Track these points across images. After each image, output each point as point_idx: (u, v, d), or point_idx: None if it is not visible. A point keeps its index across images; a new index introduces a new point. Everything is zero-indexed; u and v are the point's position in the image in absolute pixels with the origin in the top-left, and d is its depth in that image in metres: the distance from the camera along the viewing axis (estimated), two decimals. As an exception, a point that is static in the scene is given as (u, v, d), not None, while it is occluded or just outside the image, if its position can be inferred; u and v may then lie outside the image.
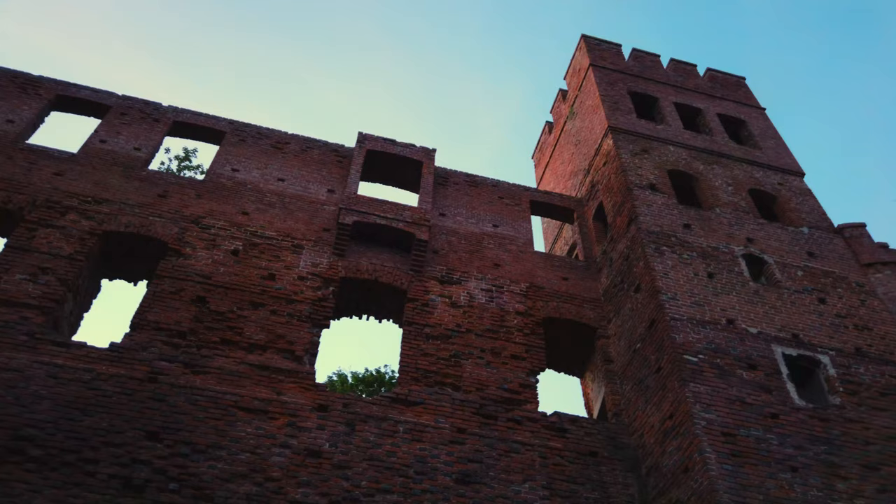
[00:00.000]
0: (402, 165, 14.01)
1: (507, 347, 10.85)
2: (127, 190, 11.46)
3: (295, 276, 10.94)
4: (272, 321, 10.12)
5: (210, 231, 11.22)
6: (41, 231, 10.22)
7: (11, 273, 9.49)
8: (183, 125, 13.51)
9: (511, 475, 9.02)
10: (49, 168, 11.31)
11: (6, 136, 11.64)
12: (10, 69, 13.05)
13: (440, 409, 9.61)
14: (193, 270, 10.45)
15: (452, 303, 11.36)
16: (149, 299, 9.84)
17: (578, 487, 9.15)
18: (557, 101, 19.64)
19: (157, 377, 8.84)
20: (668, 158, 14.27)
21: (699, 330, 10.10)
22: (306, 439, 8.69)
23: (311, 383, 9.46)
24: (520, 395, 10.19)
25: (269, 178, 12.76)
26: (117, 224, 10.82)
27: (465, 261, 12.31)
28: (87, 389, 8.45)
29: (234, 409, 8.76)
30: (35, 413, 8.02)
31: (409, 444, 9.02)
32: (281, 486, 8.11)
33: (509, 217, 13.74)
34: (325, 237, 11.85)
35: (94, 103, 13.14)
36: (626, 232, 12.38)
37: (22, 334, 8.80)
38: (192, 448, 8.20)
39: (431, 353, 10.41)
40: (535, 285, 12.24)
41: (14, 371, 8.36)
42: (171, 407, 8.57)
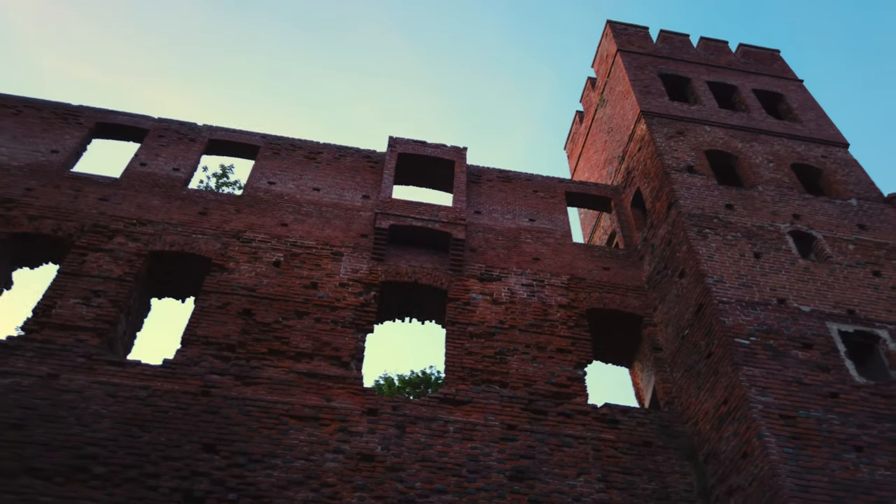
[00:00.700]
0: (434, 166, 14.03)
1: (553, 341, 10.76)
2: (169, 210, 11.75)
3: (336, 284, 11.05)
4: (317, 329, 10.25)
5: (251, 244, 11.41)
6: (91, 255, 10.55)
7: (66, 298, 9.82)
8: (218, 143, 13.79)
9: (565, 469, 8.94)
10: (94, 194, 11.67)
11: (52, 166, 12.06)
12: (52, 101, 13.52)
13: (489, 407, 9.58)
14: (238, 284, 10.65)
15: (494, 300, 11.32)
16: (197, 315, 10.06)
17: (635, 479, 9.02)
18: (587, 90, 19.41)
19: (209, 390, 9.04)
20: (704, 139, 13.96)
21: (749, 312, 9.84)
22: (358, 444, 8.77)
23: (360, 388, 9.54)
24: (568, 388, 10.09)
25: (305, 189, 12.92)
26: (162, 244, 11.10)
27: (503, 257, 12.26)
28: (144, 406, 8.68)
29: (286, 418, 8.89)
30: (96, 432, 8.27)
31: (461, 444, 9.01)
32: (336, 491, 8.20)
33: (545, 210, 13.63)
34: (363, 243, 11.94)
35: (132, 128, 13.52)
36: (667, 217, 12.16)
37: (79, 356, 9.10)
38: (248, 458, 8.35)
39: (476, 351, 10.39)
40: (577, 277, 12.11)
41: (74, 392, 8.65)
42: (225, 419, 8.74)
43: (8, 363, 8.79)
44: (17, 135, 12.54)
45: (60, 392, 8.60)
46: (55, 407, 8.42)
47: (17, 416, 8.22)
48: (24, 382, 8.61)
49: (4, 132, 12.52)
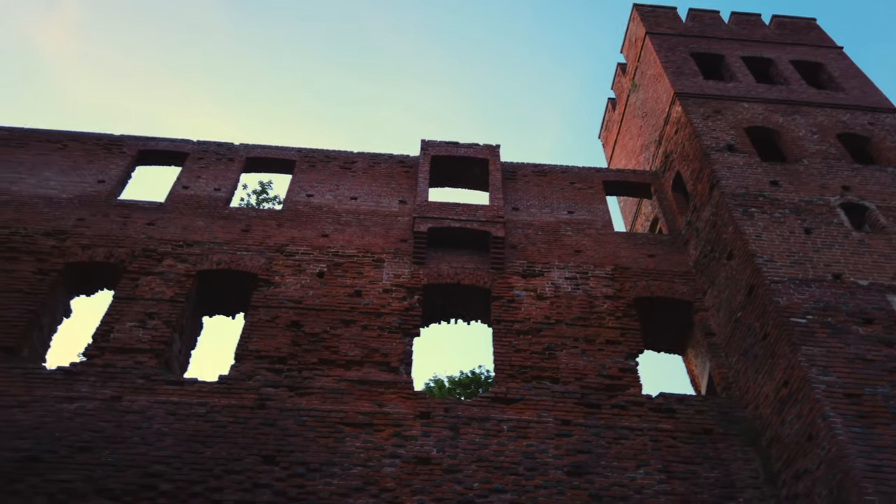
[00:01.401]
0: (468, 166, 14.03)
1: (601, 333, 10.63)
2: (213, 229, 12.03)
3: (380, 290, 11.14)
4: (365, 336, 10.35)
5: (294, 257, 11.60)
6: (143, 279, 10.87)
7: (122, 322, 10.14)
8: (255, 160, 14.06)
9: (624, 462, 8.82)
10: (141, 219, 12.03)
11: (100, 196, 12.47)
12: (94, 133, 13.98)
13: (541, 404, 9.52)
14: (284, 297, 10.83)
15: (538, 295, 11.25)
16: (248, 330, 10.27)
17: (696, 468, 8.83)
18: (617, 76, 19.13)
19: (265, 403, 9.21)
20: (743, 116, 13.61)
21: (803, 289, 9.55)
22: (414, 447, 8.82)
23: (411, 392, 9.59)
24: (621, 380, 9.95)
25: (343, 199, 13.07)
26: (209, 263, 11.36)
27: (544, 252, 12.17)
28: (203, 422, 8.90)
29: (341, 426, 9.00)
30: (160, 450, 8.51)
31: (516, 442, 8.98)
32: (396, 495, 8.26)
33: (584, 201, 13.48)
34: (403, 248, 12.01)
35: (172, 153, 13.89)
36: (710, 198, 11.89)
37: (139, 378, 9.38)
38: (307, 467, 8.47)
39: (524, 348, 10.34)
40: (621, 266, 11.94)
41: (137, 413, 8.92)
42: (281, 430, 8.90)
43: (73, 388, 9.13)
44: (64, 168, 13.02)
45: (124, 413, 8.89)
46: (120, 428, 8.70)
47: (85, 438, 8.52)
48: (90, 406, 8.93)
49: (53, 166, 13.01)
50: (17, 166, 12.89)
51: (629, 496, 8.43)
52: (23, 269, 10.80)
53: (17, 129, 13.76)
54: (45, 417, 8.73)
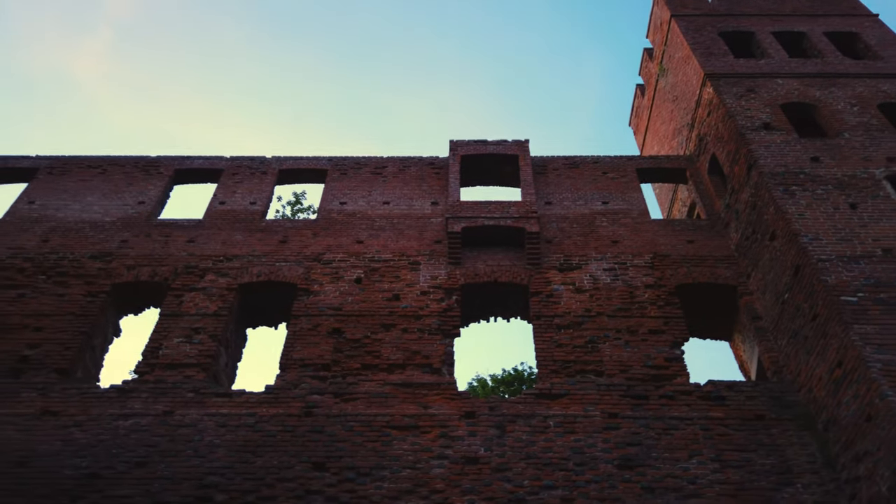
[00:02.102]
0: (498, 163, 13.99)
1: (644, 323, 10.47)
2: (251, 242, 12.24)
3: (418, 293, 11.18)
4: (405, 339, 10.39)
5: (332, 265, 11.72)
6: (187, 295, 11.12)
7: (170, 338, 10.39)
8: (288, 172, 14.25)
9: (675, 453, 8.67)
10: (182, 237, 12.31)
11: (141, 217, 12.81)
12: (132, 156, 14.36)
13: (587, 398, 9.42)
14: (324, 305, 10.95)
15: (577, 288, 11.15)
16: (290, 339, 10.42)
17: (751, 455, 8.63)
18: (644, 62, 18.84)
19: (311, 411, 9.33)
20: (777, 93, 13.26)
21: (852, 267, 9.25)
22: (461, 448, 8.82)
23: (454, 392, 9.60)
24: (667, 369, 9.79)
25: (375, 204, 13.15)
26: (249, 275, 11.57)
27: (580, 244, 12.06)
28: (253, 432, 9.06)
29: (387, 430, 9.06)
30: (213, 461, 8.69)
31: (563, 437, 8.90)
32: (446, 496, 8.27)
33: (618, 191, 13.31)
34: (438, 249, 12.03)
35: (208, 170, 14.18)
36: (748, 179, 11.61)
37: (189, 392, 9.60)
38: (357, 472, 8.55)
39: (566, 342, 10.26)
40: (660, 254, 11.75)
41: (188, 426, 9.13)
42: (329, 436, 9.00)
43: (127, 405, 9.39)
44: (106, 192, 13.41)
45: (176, 427, 9.10)
46: (173, 442, 8.92)
47: (141, 454, 8.75)
48: (143, 422, 9.17)
49: (95, 191, 13.41)
50: (61, 193, 13.33)
51: (683, 487, 8.28)
52: (73, 292, 11.16)
53: (60, 158, 14.23)
54: (101, 435, 8.99)
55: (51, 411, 9.31)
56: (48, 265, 11.63)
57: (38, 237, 12.24)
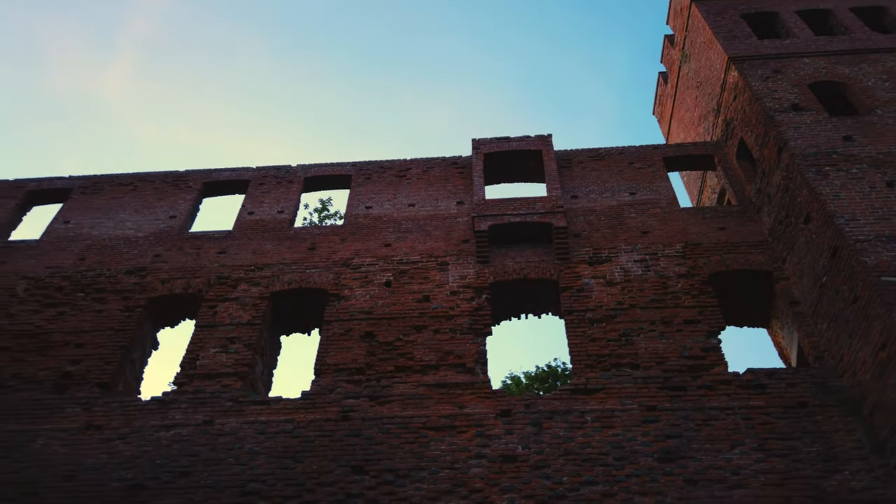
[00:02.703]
0: (522, 159, 13.92)
1: (678, 313, 10.32)
2: (281, 251, 12.37)
3: (447, 293, 11.18)
4: (437, 340, 10.40)
5: (360, 269, 11.79)
6: (220, 306, 11.29)
7: (206, 349, 10.56)
8: (313, 179, 14.37)
9: (716, 444, 8.52)
10: (213, 249, 12.50)
11: (172, 231, 13.04)
12: (161, 171, 14.63)
13: (624, 391, 9.32)
14: (356, 309, 11.02)
15: (607, 282, 11.04)
16: (324, 345, 10.50)
17: (795, 443, 8.44)
18: (665, 49, 18.59)
19: (348, 415, 9.39)
20: (805, 72, 12.96)
21: (892, 246, 9.01)
22: (498, 446, 8.79)
23: (489, 391, 9.58)
24: (704, 359, 9.63)
25: (401, 206, 13.19)
26: (281, 283, 11.69)
27: (609, 237, 11.94)
28: (291, 438, 9.15)
29: (424, 431, 9.07)
30: (254, 468, 8.80)
31: (601, 432, 8.82)
32: (486, 495, 8.25)
33: (645, 181, 13.15)
34: (465, 248, 12.02)
35: (235, 181, 14.37)
36: (778, 162, 11.37)
37: (227, 401, 9.74)
38: (396, 474, 8.58)
39: (599, 336, 10.16)
40: (691, 243, 11.57)
41: (229, 434, 9.26)
42: (367, 440, 9.05)
43: (168, 416, 9.56)
44: (137, 208, 13.68)
45: (217, 436, 9.24)
46: (215, 451, 9.05)
47: (183, 463, 8.90)
48: (185, 432, 9.33)
49: (126, 208, 13.69)
50: (95, 212, 13.64)
51: (726, 478, 8.13)
52: (111, 307, 11.40)
53: (92, 177, 14.56)
54: (145, 446, 9.17)
55: (95, 425, 9.53)
56: (86, 282, 11.91)
57: (75, 255, 12.54)
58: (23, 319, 11.29)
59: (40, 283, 11.95)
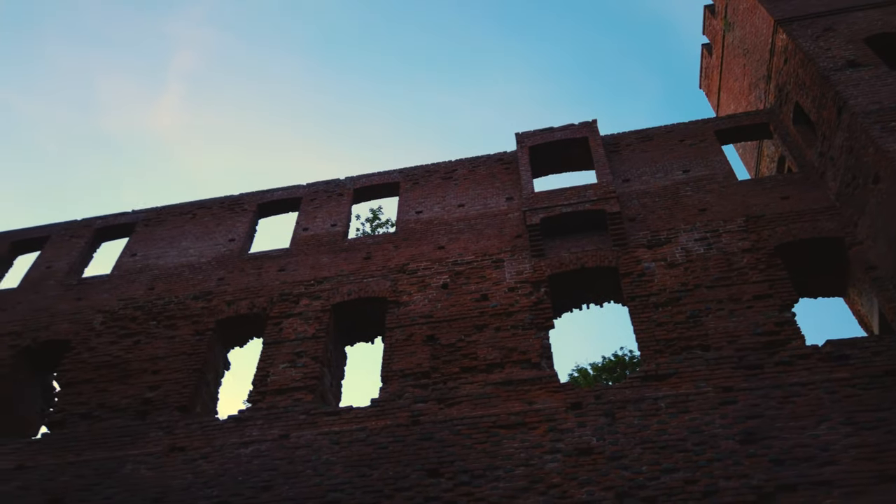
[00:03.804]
0: (568, 149, 13.72)
1: (746, 290, 9.96)
2: (338, 263, 12.56)
3: (505, 290, 11.12)
4: (500, 338, 10.35)
5: (417, 274, 11.85)
6: (285, 322, 11.54)
7: (275, 365, 10.81)
8: (362, 190, 14.55)
9: (801, 420, 8.17)
10: (273, 267, 12.80)
11: (233, 254, 13.42)
12: (217, 197, 15.07)
13: (696, 374, 9.05)
14: (416, 314, 11.08)
15: (669, 264, 10.76)
16: (388, 351, 10.60)
17: (886, 414, 8.01)
18: (707, 19, 18.02)
19: (418, 419, 9.44)
20: (858, 26, 12.34)
21: (974, 198, 8.45)
22: (572, 440, 8.67)
23: (557, 385, 9.47)
24: (779, 334, 9.26)
25: (451, 208, 13.20)
26: (341, 295, 11.87)
27: (666, 218, 11.63)
28: (365, 446, 9.26)
29: (495, 430, 9.03)
30: (332, 478, 8.95)
31: (677, 418, 8.58)
32: (564, 490, 8.14)
33: (698, 157, 12.76)
34: (519, 244, 11.93)
35: (288, 200, 14.68)
36: (839, 123, 10.85)
37: (300, 414, 9.94)
38: (471, 475, 8.57)
39: (665, 320, 9.91)
40: (753, 216, 11.16)
41: (305, 447, 9.45)
42: (439, 442, 9.07)
43: (245, 433, 9.83)
44: (198, 234, 14.14)
45: (294, 449, 9.44)
46: (293, 463, 9.25)
47: (264, 478, 9.13)
48: (263, 447, 9.57)
49: (188, 235, 14.16)
50: (159, 242, 14.17)
51: (815, 455, 7.78)
52: (182, 333, 11.81)
53: (153, 209, 15.13)
54: (226, 464, 9.45)
55: (178, 447, 9.88)
56: (156, 310, 12.37)
57: (145, 286, 13.05)
58: (102, 351, 11.82)
59: (115, 315, 12.48)
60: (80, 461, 10.02)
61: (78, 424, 10.65)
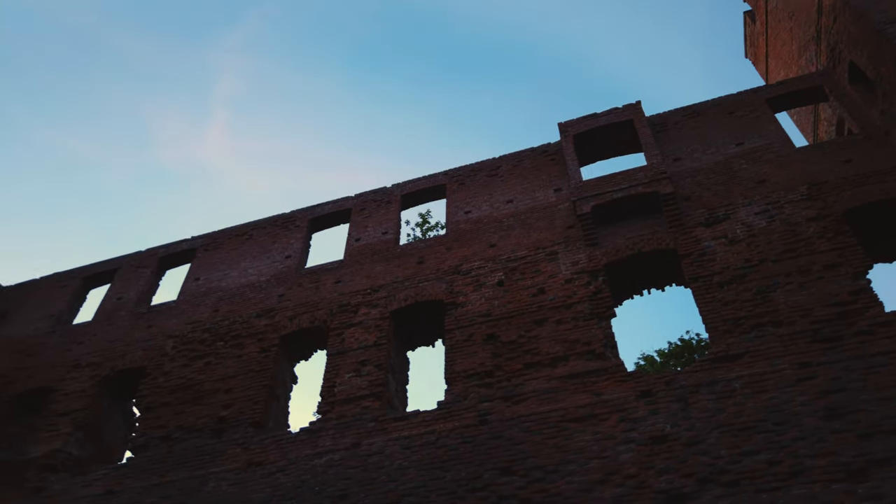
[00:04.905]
0: (613, 133, 13.46)
1: (815, 260, 9.54)
2: (392, 270, 12.66)
3: (562, 282, 10.98)
4: (561, 331, 10.22)
5: (471, 274, 11.82)
6: (346, 332, 11.70)
7: (341, 375, 10.97)
8: (410, 195, 14.63)
9: (887, 391, 7.73)
10: (330, 279, 13.00)
11: (290, 270, 13.69)
12: (270, 217, 15.40)
13: (770, 352, 8.72)
14: (473, 314, 11.05)
15: (730, 240, 10.41)
16: (449, 353, 10.61)
17: (982, 379, 7.53)
18: (745, -14, 17.40)
19: (486, 419, 9.40)
20: (911, -27, 11.66)
21: None
22: (645, 428, 8.48)
23: (624, 374, 9.28)
24: (855, 303, 8.83)
25: (499, 205, 13.13)
26: (398, 301, 11.95)
27: (722, 193, 11.27)
28: (436, 449, 9.28)
29: (564, 424, 8.92)
30: (406, 483, 9.00)
31: (753, 398, 8.28)
32: (642, 480, 7.96)
33: (750, 128, 12.32)
34: (572, 234, 11.76)
35: (338, 212, 14.89)
36: (900, 76, 10.29)
37: (369, 421, 10.05)
38: (544, 471, 8.48)
39: (732, 299, 9.59)
40: (816, 183, 10.69)
41: (377, 454, 9.54)
42: (508, 440, 9.01)
43: (318, 444, 10.00)
44: (255, 254, 14.48)
45: (366, 456, 9.55)
46: (366, 471, 9.35)
47: (340, 487, 9.26)
48: (336, 457, 9.71)
49: (246, 256, 14.52)
50: (219, 265, 14.59)
51: (908, 427, 7.37)
52: (248, 351, 12.12)
53: (211, 234, 15.59)
54: (303, 476, 9.63)
55: (255, 462, 10.13)
56: (223, 331, 12.74)
57: (210, 308, 13.45)
58: (176, 374, 12.24)
59: (185, 339, 12.91)
60: (165, 482, 10.39)
61: (159, 447, 11.05)
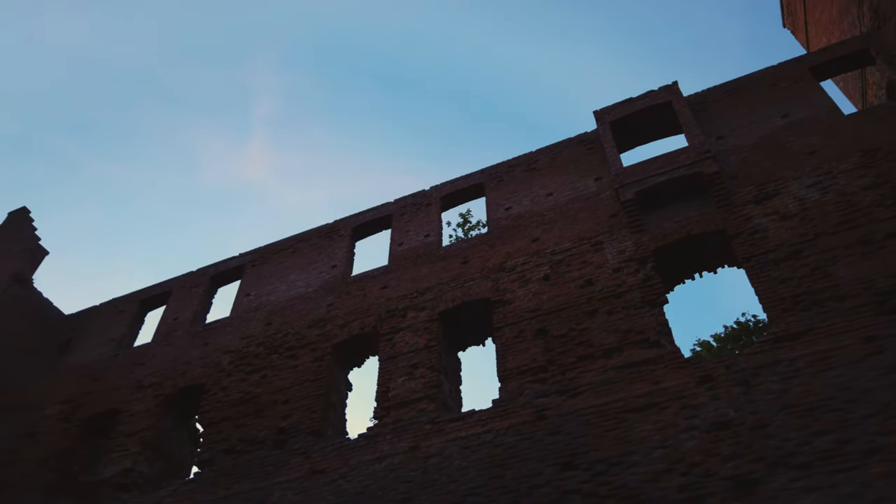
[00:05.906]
0: (651, 116, 13.18)
1: (876, 229, 9.15)
2: (437, 272, 12.68)
3: (610, 271, 10.81)
4: (612, 321, 10.06)
5: (516, 270, 11.75)
6: (396, 337, 11.76)
7: (394, 380, 11.03)
8: (449, 196, 14.63)
9: (966, 361, 7.38)
10: (376, 286, 13.09)
11: (337, 279, 13.85)
12: (314, 228, 15.60)
13: (833, 328, 8.40)
14: (522, 310, 10.97)
15: (782, 216, 10.07)
16: (501, 351, 10.55)
17: None
18: (778, -46, 16.87)
19: (543, 414, 9.32)
20: (957, -80, 11.11)
21: None
22: (708, 414, 8.26)
23: (682, 361, 9.07)
24: (923, 271, 8.43)
25: (539, 199, 13.02)
26: (445, 303, 11.96)
27: (771, 169, 10.92)
28: (494, 447, 9.24)
29: (624, 415, 8.76)
30: (467, 483, 8.98)
31: (819, 377, 7.98)
32: (708, 468, 7.76)
33: (795, 98, 11.90)
34: (616, 223, 11.57)
35: (379, 219, 15.01)
36: (952, 30, 9.79)
37: (426, 424, 10.07)
38: (607, 463, 8.34)
39: (788, 276, 9.27)
40: (869, 150, 10.26)
41: (436, 456, 9.55)
42: (567, 435, 8.91)
43: (377, 449, 10.07)
44: (302, 266, 14.70)
45: (426, 459, 9.57)
46: (427, 473, 9.37)
47: (402, 490, 9.30)
48: (396, 461, 9.76)
49: (294, 269, 14.75)
50: (268, 279, 14.86)
51: None
52: (302, 361, 12.30)
53: (257, 250, 15.90)
54: (364, 481, 9.71)
55: (317, 470, 10.26)
56: (276, 344, 12.96)
57: (262, 322, 13.71)
58: (235, 389, 12.51)
59: (240, 354, 13.19)
60: (231, 494, 10.62)
61: (224, 460, 11.31)
